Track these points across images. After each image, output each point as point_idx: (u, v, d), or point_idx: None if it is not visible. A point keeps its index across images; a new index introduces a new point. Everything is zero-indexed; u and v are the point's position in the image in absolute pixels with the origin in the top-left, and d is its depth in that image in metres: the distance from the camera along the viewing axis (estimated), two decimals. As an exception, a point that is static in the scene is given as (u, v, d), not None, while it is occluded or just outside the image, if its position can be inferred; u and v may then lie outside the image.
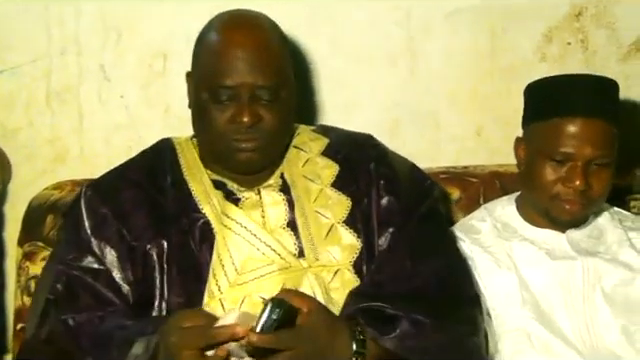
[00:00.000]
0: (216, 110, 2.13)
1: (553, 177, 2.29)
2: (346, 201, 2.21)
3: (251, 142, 2.13)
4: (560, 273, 2.32)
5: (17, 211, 2.63)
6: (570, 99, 2.29)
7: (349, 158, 2.28)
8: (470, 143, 2.95)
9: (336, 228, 2.19)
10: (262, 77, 2.12)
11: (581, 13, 2.91)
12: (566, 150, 2.26)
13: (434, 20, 2.87)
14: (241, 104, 2.11)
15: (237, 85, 2.11)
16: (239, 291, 2.09)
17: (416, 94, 2.91)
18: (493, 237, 2.39)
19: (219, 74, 2.12)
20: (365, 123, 2.83)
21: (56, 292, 2.11)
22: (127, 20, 2.78)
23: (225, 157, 2.17)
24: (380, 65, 2.89)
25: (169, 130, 2.74)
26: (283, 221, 2.18)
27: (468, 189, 2.65)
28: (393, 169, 2.28)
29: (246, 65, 2.12)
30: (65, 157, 2.83)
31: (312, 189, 2.22)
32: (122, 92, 2.81)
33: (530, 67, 2.90)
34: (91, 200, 2.19)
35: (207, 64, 2.16)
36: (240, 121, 2.10)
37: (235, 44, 2.14)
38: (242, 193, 2.20)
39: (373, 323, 2.00)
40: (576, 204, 2.29)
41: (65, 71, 2.79)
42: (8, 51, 2.76)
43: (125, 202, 2.18)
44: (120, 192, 2.20)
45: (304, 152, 2.29)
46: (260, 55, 2.14)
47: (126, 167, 2.29)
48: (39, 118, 2.80)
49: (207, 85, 2.14)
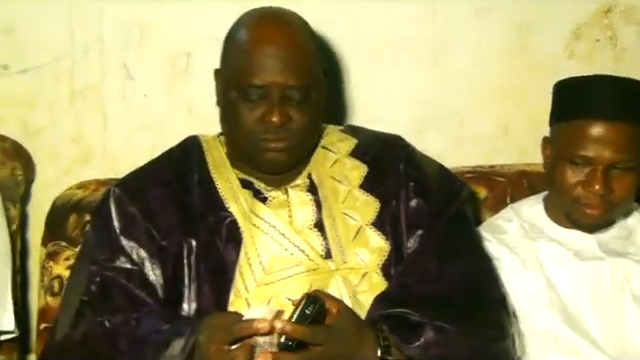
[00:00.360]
0: (245, 109, 2.10)
1: (573, 180, 2.26)
2: (374, 203, 2.19)
3: (280, 142, 2.11)
4: (588, 274, 2.29)
5: (41, 211, 2.62)
6: (591, 101, 2.26)
7: (378, 159, 2.25)
8: (497, 142, 2.92)
9: (364, 230, 2.16)
10: (293, 77, 2.10)
11: (610, 10, 2.88)
12: (586, 154, 2.23)
13: (461, 17, 2.84)
14: (271, 104, 2.09)
15: (267, 84, 2.08)
16: (266, 291, 2.07)
17: (442, 92, 2.88)
18: (520, 237, 2.36)
19: (249, 73, 2.09)
20: (391, 122, 2.82)
21: (90, 293, 2.09)
22: (150, 19, 2.77)
23: (253, 156, 2.15)
24: (406, 63, 2.86)
25: (192, 129, 2.71)
26: (310, 222, 2.15)
27: (495, 188, 2.62)
28: (422, 171, 2.25)
29: (277, 64, 2.09)
30: (88, 156, 2.82)
31: (340, 190, 2.20)
32: (145, 91, 2.80)
33: (558, 64, 2.87)
34: (120, 199, 2.18)
35: (237, 62, 2.13)
36: (269, 121, 2.08)
37: (266, 42, 2.11)
38: (269, 192, 2.18)
39: (397, 330, 1.97)
40: (597, 208, 2.26)
41: (88, 70, 2.78)
42: (31, 50, 2.76)
43: (153, 201, 2.17)
44: (148, 191, 2.19)
45: (332, 153, 2.26)
46: (292, 54, 2.12)
47: (153, 166, 2.28)
48: (62, 117, 2.80)
49: (237, 83, 2.11)
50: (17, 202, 2.61)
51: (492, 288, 2.16)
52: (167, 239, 2.13)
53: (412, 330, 1.98)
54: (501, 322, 2.11)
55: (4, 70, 2.75)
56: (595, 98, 2.26)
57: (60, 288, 2.43)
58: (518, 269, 2.31)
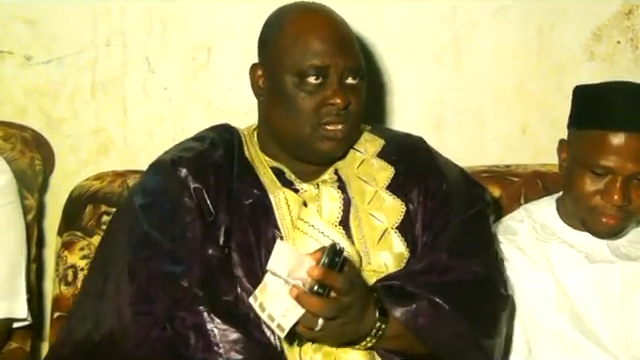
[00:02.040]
0: (304, 93, 2.10)
1: (592, 189, 2.24)
2: (400, 206, 2.19)
3: (341, 126, 2.11)
4: (598, 277, 2.28)
5: (59, 201, 2.64)
6: (614, 112, 2.23)
7: (402, 162, 2.24)
8: (515, 141, 2.92)
9: (389, 233, 2.16)
10: (351, 58, 2.13)
11: (631, 11, 2.87)
12: (607, 164, 2.21)
13: (481, 16, 2.85)
14: (332, 86, 2.09)
15: (328, 65, 2.09)
16: None
17: (461, 91, 2.89)
18: (531, 239, 2.35)
19: (308, 55, 2.09)
20: (410, 120, 2.84)
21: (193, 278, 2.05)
22: (172, 13, 2.79)
23: (306, 144, 2.13)
24: (425, 62, 2.87)
25: (212, 122, 2.70)
26: (335, 219, 2.15)
27: (509, 188, 2.62)
28: (443, 174, 2.25)
29: (335, 45, 2.11)
30: (109, 148, 2.85)
31: (367, 191, 2.20)
32: (166, 84, 2.82)
33: (578, 66, 2.87)
34: (186, 179, 2.14)
35: (291, 47, 2.12)
36: (334, 102, 2.09)
37: (319, 26, 2.13)
38: (301, 185, 2.19)
39: (391, 295, 2.00)
40: (614, 218, 2.25)
41: (110, 63, 2.81)
42: (54, 42, 2.79)
43: (212, 181, 2.15)
44: (206, 171, 2.16)
45: (360, 153, 2.26)
46: (346, 37, 2.16)
47: (208, 151, 2.22)
48: (84, 109, 2.83)
49: (294, 68, 2.10)
50: (35, 192, 2.63)
51: (498, 286, 2.15)
52: (215, 221, 2.11)
53: (406, 297, 2.01)
54: (498, 319, 2.11)
55: (27, 61, 2.78)
56: (618, 109, 2.23)
57: (74, 278, 2.46)
58: (528, 270, 2.30)
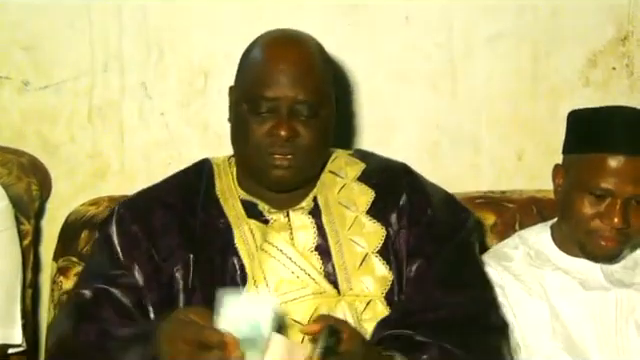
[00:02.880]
0: (255, 122, 2.11)
1: (590, 212, 2.25)
2: (381, 230, 2.19)
3: (286, 157, 2.11)
4: (593, 304, 2.28)
5: (56, 226, 2.65)
6: (613, 135, 2.24)
7: (382, 185, 2.24)
8: (510, 167, 2.92)
9: (370, 258, 2.16)
10: (303, 92, 2.11)
11: (627, 38, 2.87)
12: (606, 186, 2.22)
13: (476, 42, 2.86)
14: (279, 117, 2.09)
15: (277, 97, 2.09)
16: None
17: (457, 116, 2.89)
18: (525, 265, 2.35)
19: (260, 85, 2.10)
20: (405, 145, 2.84)
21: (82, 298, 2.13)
22: (169, 38, 2.81)
23: (259, 172, 2.15)
24: (421, 87, 2.88)
25: (208, 148, 2.78)
26: (311, 244, 2.16)
27: (504, 214, 2.62)
28: (427, 199, 2.24)
29: (287, 79, 2.10)
30: (105, 173, 2.86)
31: (347, 216, 2.20)
32: (163, 110, 2.83)
33: (573, 92, 2.88)
34: (122, 219, 2.20)
35: (249, 76, 2.15)
36: (277, 134, 2.09)
37: (278, 58, 2.13)
38: (271, 215, 2.19)
39: (402, 349, 1.98)
40: (612, 241, 2.25)
41: (107, 88, 2.82)
42: (52, 67, 2.80)
43: (156, 222, 2.19)
44: (152, 213, 2.20)
45: (340, 178, 2.26)
46: (302, 71, 2.13)
47: (161, 188, 2.29)
48: (81, 134, 2.84)
49: (248, 96, 2.12)
50: (31, 217, 2.63)
51: (492, 316, 2.15)
52: (166, 261, 2.15)
53: (417, 349, 2.00)
54: (499, 349, 2.11)
55: (24, 86, 2.80)
56: (616, 131, 2.25)
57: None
58: (523, 297, 2.30)
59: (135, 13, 2.78)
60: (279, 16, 2.75)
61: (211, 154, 2.37)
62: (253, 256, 2.13)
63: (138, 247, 2.16)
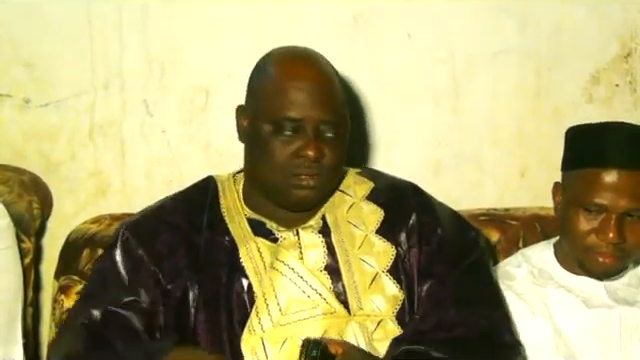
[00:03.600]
0: (278, 142, 2.08)
1: (586, 227, 2.24)
2: (390, 249, 2.17)
3: (312, 177, 2.09)
4: (596, 322, 2.27)
5: (57, 244, 2.63)
6: (606, 149, 2.24)
7: (391, 205, 2.23)
8: (514, 184, 2.92)
9: (380, 277, 2.15)
10: (327, 112, 2.09)
11: (630, 54, 2.87)
12: (600, 201, 2.21)
13: (479, 60, 2.86)
14: (307, 138, 2.07)
15: (303, 118, 2.07)
16: (282, 331, 2.06)
17: (460, 134, 2.89)
18: (528, 283, 2.34)
19: (284, 106, 2.08)
20: (407, 162, 2.83)
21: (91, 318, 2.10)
22: (170, 56, 2.80)
23: (281, 192, 2.12)
24: (424, 104, 2.87)
25: (209, 165, 2.77)
26: (321, 264, 2.13)
27: (507, 232, 2.61)
28: (436, 218, 2.23)
29: (312, 99, 2.08)
30: (106, 191, 2.84)
31: (356, 235, 2.18)
32: (164, 127, 2.82)
33: (577, 108, 2.88)
34: (128, 243, 2.17)
35: (270, 95, 2.11)
36: (305, 155, 2.07)
37: (300, 77, 2.11)
38: (280, 233, 2.17)
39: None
40: (610, 257, 2.24)
41: (108, 105, 2.81)
42: (53, 85, 2.79)
43: (162, 245, 2.16)
44: (158, 235, 2.17)
45: (348, 196, 2.24)
46: (325, 90, 2.12)
47: (165, 207, 2.25)
48: (82, 151, 2.82)
49: (270, 117, 2.09)
50: (32, 235, 2.62)
51: (506, 335, 2.13)
52: (173, 283, 2.12)
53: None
54: None
55: (25, 104, 2.78)
56: (610, 147, 2.24)
57: (70, 322, 2.44)
58: (526, 315, 2.28)
59: (136, 30, 2.77)
60: (281, 33, 2.74)
61: (213, 172, 2.36)
62: (261, 274, 2.11)
63: (145, 271, 2.14)
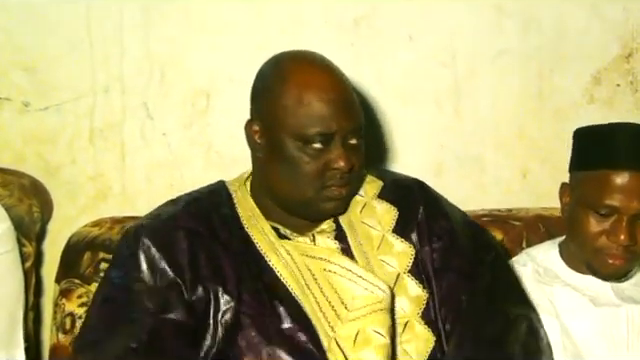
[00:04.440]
0: (307, 157, 2.02)
1: (597, 229, 2.23)
2: (410, 249, 2.15)
3: (344, 188, 2.06)
4: (604, 321, 2.26)
5: (57, 247, 2.61)
6: (618, 151, 2.23)
7: (400, 202, 2.21)
8: (516, 186, 2.91)
9: (402, 279, 2.12)
10: (354, 120, 2.06)
11: (631, 55, 2.87)
12: (611, 203, 2.20)
13: (481, 61, 2.85)
14: (338, 150, 2.03)
15: (333, 131, 2.02)
16: (352, 326, 2.02)
17: (462, 136, 2.88)
18: (534, 282, 2.33)
19: (313, 122, 2.01)
20: (409, 165, 2.82)
21: (140, 341, 1.98)
22: (171, 59, 2.79)
23: (310, 205, 2.07)
24: (425, 106, 2.87)
25: (211, 169, 2.76)
26: None
27: (511, 232, 2.60)
28: (444, 213, 2.23)
29: (339, 109, 2.03)
30: (107, 194, 2.83)
31: (373, 236, 2.16)
32: (165, 130, 2.81)
33: (578, 109, 2.88)
34: (149, 251, 2.07)
35: (294, 110, 2.02)
36: (338, 167, 2.02)
37: (324, 88, 2.03)
38: (296, 238, 2.13)
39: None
40: (620, 259, 2.23)
41: (109, 109, 2.80)
42: (53, 88, 2.78)
43: (182, 254, 2.07)
44: (177, 243, 2.08)
45: (360, 196, 2.21)
46: (348, 97, 2.07)
47: (181, 212, 2.15)
48: (82, 155, 2.81)
49: (298, 133, 2.02)
50: (33, 239, 2.61)
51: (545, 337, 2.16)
52: (195, 295, 2.04)
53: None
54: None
55: (25, 107, 2.77)
56: (621, 148, 2.23)
57: (72, 326, 2.42)
58: (533, 314, 2.28)
59: (136, 33, 2.76)
60: (282, 36, 2.74)
61: (214, 175, 2.34)
62: (297, 277, 2.07)
63: (167, 281, 2.05)
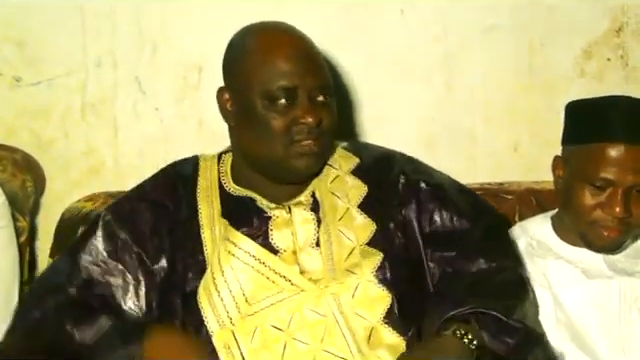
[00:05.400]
0: (274, 114, 2.07)
1: (592, 202, 2.24)
2: (371, 225, 2.17)
3: (314, 142, 2.08)
4: (596, 293, 2.27)
5: (50, 223, 2.63)
6: (612, 124, 2.24)
7: (379, 178, 2.23)
8: (507, 159, 2.92)
9: (357, 251, 2.14)
10: (319, 77, 2.11)
11: (621, 29, 2.88)
12: (606, 176, 2.21)
13: (472, 35, 2.86)
14: (303, 105, 2.07)
15: (296, 86, 2.07)
16: (251, 322, 2.04)
17: (453, 109, 2.89)
18: (527, 255, 2.34)
19: (276, 77, 2.07)
20: (401, 138, 2.82)
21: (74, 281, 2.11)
22: (162, 33, 2.79)
23: (281, 164, 2.10)
24: (417, 80, 2.87)
25: (202, 143, 2.76)
26: (312, 240, 2.13)
27: (503, 206, 2.60)
28: (429, 174, 2.26)
29: (303, 66, 2.09)
30: (99, 169, 2.84)
31: (338, 207, 2.18)
32: (157, 105, 2.82)
33: (569, 83, 2.88)
34: (108, 224, 2.16)
35: (258, 69, 2.09)
36: (305, 122, 2.06)
37: (287, 46, 2.11)
38: (272, 211, 2.15)
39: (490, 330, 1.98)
40: (615, 231, 2.25)
41: (100, 83, 2.80)
42: (44, 63, 2.78)
43: (144, 224, 2.16)
44: (139, 214, 2.17)
45: (334, 169, 2.24)
46: (312, 56, 2.13)
47: (146, 187, 2.25)
48: (74, 130, 2.82)
49: (262, 90, 2.07)
50: (27, 214, 2.62)
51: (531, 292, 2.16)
52: (157, 264, 2.13)
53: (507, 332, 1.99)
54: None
55: (17, 82, 2.77)
56: (616, 121, 2.24)
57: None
58: (526, 286, 2.30)
59: (128, 8, 2.76)
60: (274, 9, 2.72)
61: (206, 149, 2.35)
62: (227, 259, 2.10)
63: (128, 251, 2.13)
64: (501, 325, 1.98)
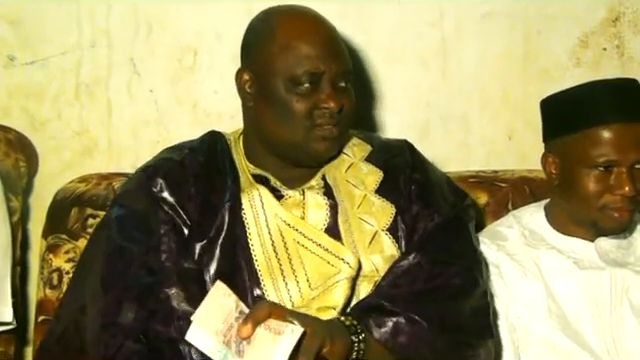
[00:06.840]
0: (297, 97, 2.09)
1: (599, 187, 2.24)
2: (390, 208, 2.18)
3: (335, 128, 2.11)
4: (587, 283, 2.28)
5: (43, 203, 2.62)
6: (602, 106, 2.24)
7: (390, 165, 2.25)
8: (501, 147, 2.92)
9: (380, 236, 2.15)
10: (342, 62, 2.14)
11: (618, 18, 2.88)
12: (609, 157, 2.21)
13: (468, 22, 2.85)
14: (327, 90, 2.10)
15: (321, 71, 2.09)
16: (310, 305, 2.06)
17: (448, 96, 2.89)
18: (520, 245, 2.35)
19: (302, 61, 2.09)
20: (396, 124, 2.84)
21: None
22: (158, 15, 2.78)
23: (301, 147, 2.12)
24: (412, 66, 2.87)
25: (197, 125, 2.76)
26: (322, 225, 2.14)
27: (496, 194, 2.61)
28: (427, 177, 2.25)
29: (327, 51, 2.11)
30: (93, 150, 2.82)
31: (356, 195, 2.19)
32: (151, 86, 2.81)
33: (564, 72, 2.89)
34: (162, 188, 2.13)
35: (283, 53, 2.10)
36: (328, 106, 2.09)
37: (312, 31, 2.13)
38: (286, 191, 2.17)
39: (368, 315, 1.98)
40: (625, 211, 2.24)
41: (95, 64, 2.79)
42: (39, 43, 2.77)
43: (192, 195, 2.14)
44: (187, 187, 2.15)
45: (347, 156, 2.26)
46: (336, 41, 2.16)
47: (184, 158, 2.20)
48: (68, 110, 2.80)
49: (287, 73, 2.09)
50: (19, 194, 2.61)
51: (476, 297, 2.13)
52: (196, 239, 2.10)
53: (384, 316, 1.98)
54: (480, 331, 2.11)
55: (10, 61, 2.76)
56: (606, 102, 2.24)
57: (59, 281, 2.44)
58: (518, 276, 2.30)
59: (123, -12, 2.75)
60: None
61: (200, 131, 2.34)
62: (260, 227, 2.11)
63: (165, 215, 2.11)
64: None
